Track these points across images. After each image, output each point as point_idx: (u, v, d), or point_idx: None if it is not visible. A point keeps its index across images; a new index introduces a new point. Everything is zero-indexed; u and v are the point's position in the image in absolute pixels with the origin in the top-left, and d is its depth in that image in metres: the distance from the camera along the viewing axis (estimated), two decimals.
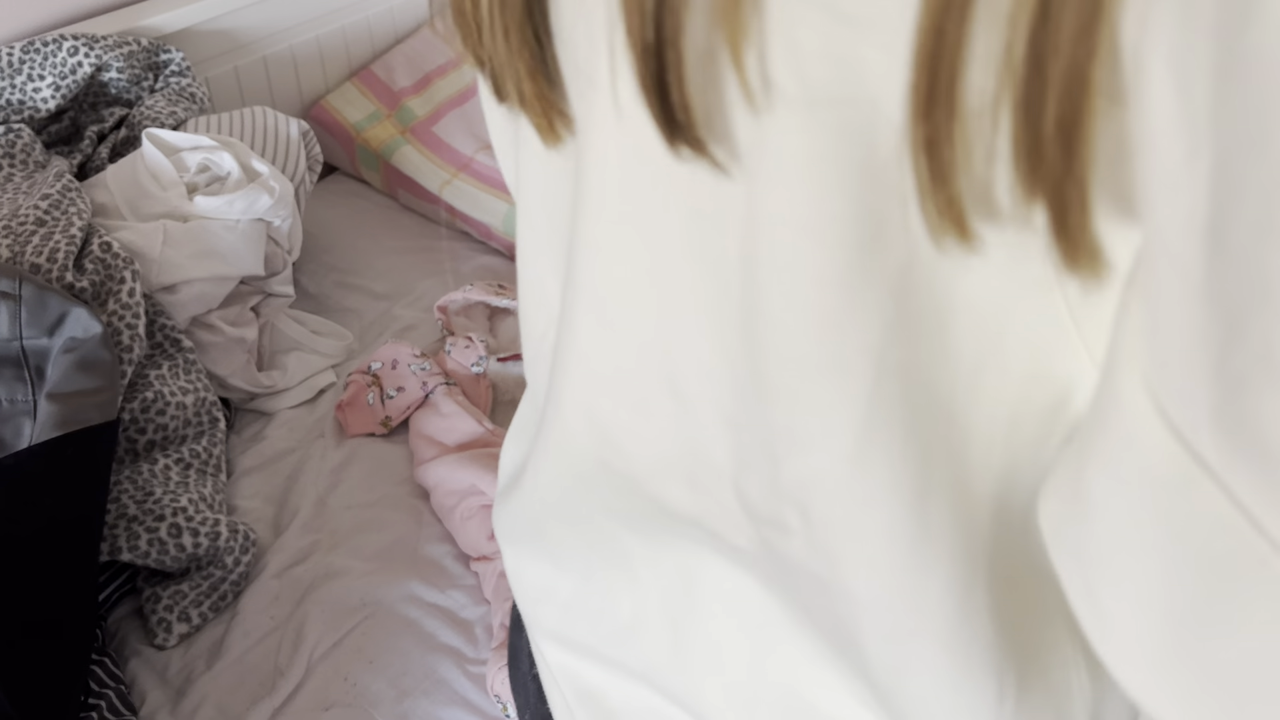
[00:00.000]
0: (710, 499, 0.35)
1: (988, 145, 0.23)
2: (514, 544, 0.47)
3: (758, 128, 0.26)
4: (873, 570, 0.31)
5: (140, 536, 0.90)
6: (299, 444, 1.11)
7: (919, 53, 0.22)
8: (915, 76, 0.22)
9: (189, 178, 1.11)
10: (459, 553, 0.99)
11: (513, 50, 0.32)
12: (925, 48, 0.22)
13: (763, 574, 0.36)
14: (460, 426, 1.05)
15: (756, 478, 0.33)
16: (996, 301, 0.27)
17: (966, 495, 0.30)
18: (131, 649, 0.91)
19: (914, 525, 0.30)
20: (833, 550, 0.32)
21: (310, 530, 1.00)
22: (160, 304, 1.05)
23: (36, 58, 1.19)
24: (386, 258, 1.37)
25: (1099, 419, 0.24)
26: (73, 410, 0.86)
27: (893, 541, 0.30)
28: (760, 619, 0.37)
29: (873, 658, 0.33)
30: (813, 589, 0.34)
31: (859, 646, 0.33)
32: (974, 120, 0.22)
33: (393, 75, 1.53)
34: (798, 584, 0.34)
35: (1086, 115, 0.21)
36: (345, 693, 0.86)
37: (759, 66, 0.25)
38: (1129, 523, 0.23)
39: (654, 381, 0.35)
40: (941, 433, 0.29)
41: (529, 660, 0.52)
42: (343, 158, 1.51)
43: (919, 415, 0.29)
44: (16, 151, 1.15)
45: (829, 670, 0.35)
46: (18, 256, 0.97)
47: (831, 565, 0.32)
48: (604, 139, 0.31)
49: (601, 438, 0.38)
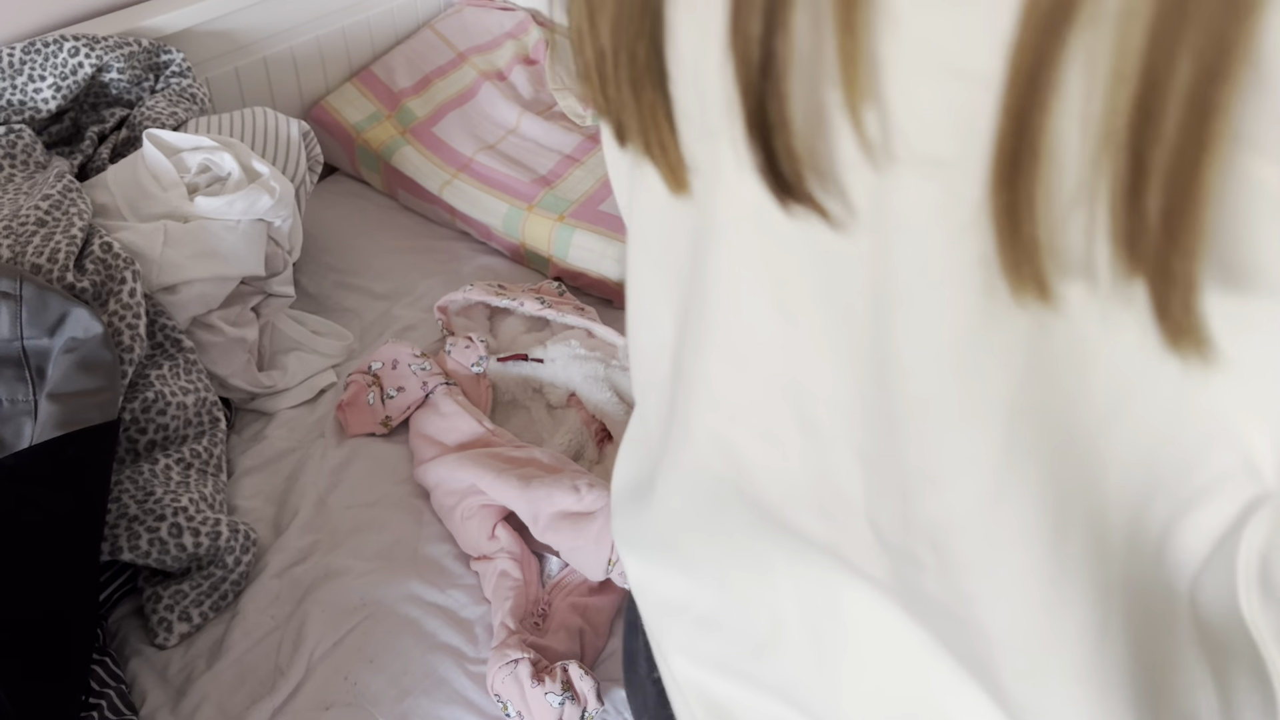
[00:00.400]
0: (843, 530, 0.35)
1: (1082, 219, 0.22)
2: (640, 553, 0.47)
3: (878, 183, 0.26)
4: (1009, 609, 0.31)
5: (141, 536, 0.90)
6: (299, 444, 1.11)
7: (1006, 109, 0.21)
8: (1000, 135, 0.22)
9: (189, 178, 1.11)
10: (459, 552, 0.99)
11: (637, 100, 0.32)
12: (1013, 104, 0.21)
13: (900, 600, 0.35)
14: (460, 426, 1.05)
15: (889, 512, 0.33)
16: (1134, 343, 0.26)
17: (1102, 529, 0.29)
18: (132, 648, 0.91)
19: (1052, 564, 0.29)
20: (967, 588, 0.31)
21: (310, 530, 1.00)
22: (161, 304, 1.06)
23: (37, 58, 1.19)
24: (386, 258, 1.37)
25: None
26: (73, 410, 0.86)
27: (1029, 581, 0.30)
28: (902, 641, 0.36)
29: (1009, 692, 0.33)
30: (947, 622, 0.33)
31: (995, 680, 0.33)
32: (1065, 188, 0.22)
33: (393, 76, 1.54)
34: (933, 616, 0.34)
35: (1201, 186, 0.20)
36: (346, 692, 0.87)
37: (880, 124, 0.25)
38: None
39: (784, 414, 0.35)
40: (1080, 471, 0.28)
41: (647, 663, 0.52)
42: (343, 158, 1.51)
43: (1056, 455, 0.28)
44: (17, 152, 1.16)
45: (970, 696, 0.35)
46: (19, 257, 0.97)
47: (966, 602, 0.32)
48: (727, 185, 0.32)
49: (732, 464, 0.38)
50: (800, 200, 0.28)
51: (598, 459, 1.08)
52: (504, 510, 0.98)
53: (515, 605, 0.89)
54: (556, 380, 1.13)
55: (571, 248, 1.30)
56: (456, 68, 1.55)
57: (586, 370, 1.11)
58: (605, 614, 0.92)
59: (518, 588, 0.91)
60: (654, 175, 0.35)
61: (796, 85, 0.26)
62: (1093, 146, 0.21)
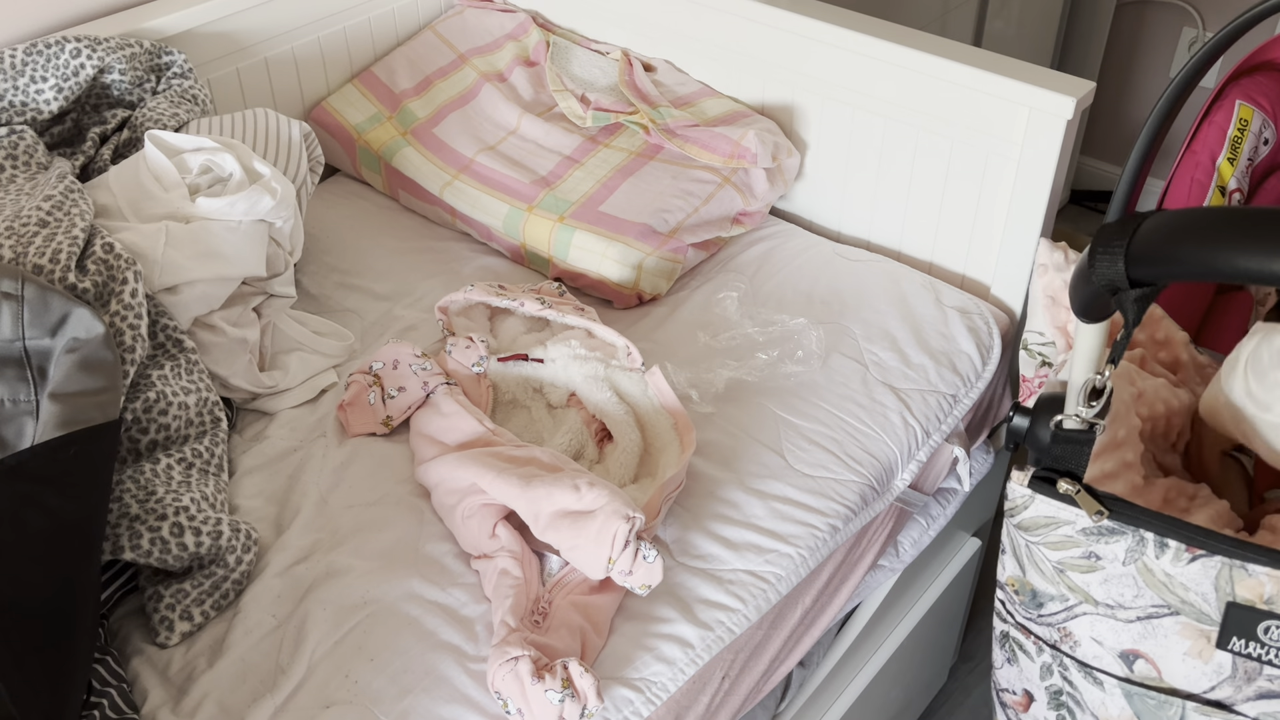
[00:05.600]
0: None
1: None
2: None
3: None
4: None
5: (142, 535, 0.90)
6: (301, 443, 1.11)
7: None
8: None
9: (191, 179, 1.12)
10: (460, 551, 0.99)
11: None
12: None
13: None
14: (461, 426, 1.06)
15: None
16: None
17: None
18: (133, 647, 0.92)
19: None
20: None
21: (312, 529, 1.01)
22: (162, 304, 1.06)
23: (39, 59, 1.20)
24: (387, 259, 1.38)
25: None
26: (75, 410, 0.86)
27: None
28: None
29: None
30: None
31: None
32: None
33: (394, 77, 1.54)
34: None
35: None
36: (346, 690, 0.87)
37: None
38: None
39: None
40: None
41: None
42: (344, 159, 1.52)
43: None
44: (19, 153, 1.16)
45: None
46: (20, 257, 0.98)
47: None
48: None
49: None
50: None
51: (598, 459, 1.08)
52: (504, 509, 0.98)
53: (516, 603, 0.89)
54: (557, 380, 1.14)
55: (571, 248, 1.31)
56: (457, 69, 1.56)
57: (586, 370, 1.12)
58: (605, 612, 0.93)
59: (518, 586, 0.91)
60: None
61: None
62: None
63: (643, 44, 1.54)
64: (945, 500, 1.29)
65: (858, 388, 1.18)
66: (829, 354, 1.22)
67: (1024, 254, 1.28)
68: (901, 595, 1.36)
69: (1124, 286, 0.65)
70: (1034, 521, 0.81)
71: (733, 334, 1.25)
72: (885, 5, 1.97)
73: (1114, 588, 0.79)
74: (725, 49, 1.45)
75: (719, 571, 0.98)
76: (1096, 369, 0.75)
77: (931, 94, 1.27)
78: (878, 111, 1.34)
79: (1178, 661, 0.78)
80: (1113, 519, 0.77)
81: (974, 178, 1.29)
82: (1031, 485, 0.80)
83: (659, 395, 1.10)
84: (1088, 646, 0.83)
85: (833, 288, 1.32)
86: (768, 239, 1.42)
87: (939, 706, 1.71)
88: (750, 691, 1.02)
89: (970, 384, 1.22)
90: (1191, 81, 0.98)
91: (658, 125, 1.41)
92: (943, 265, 1.38)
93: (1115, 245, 0.64)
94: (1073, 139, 1.22)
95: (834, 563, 1.08)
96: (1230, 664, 0.76)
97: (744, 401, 1.16)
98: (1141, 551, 0.77)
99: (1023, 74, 1.20)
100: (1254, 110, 1.16)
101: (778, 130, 1.43)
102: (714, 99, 1.48)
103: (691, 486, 1.06)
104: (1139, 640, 0.79)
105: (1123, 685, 0.81)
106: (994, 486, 1.50)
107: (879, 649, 1.34)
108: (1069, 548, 0.80)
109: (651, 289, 1.30)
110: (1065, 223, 2.76)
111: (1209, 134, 1.16)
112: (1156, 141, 1.00)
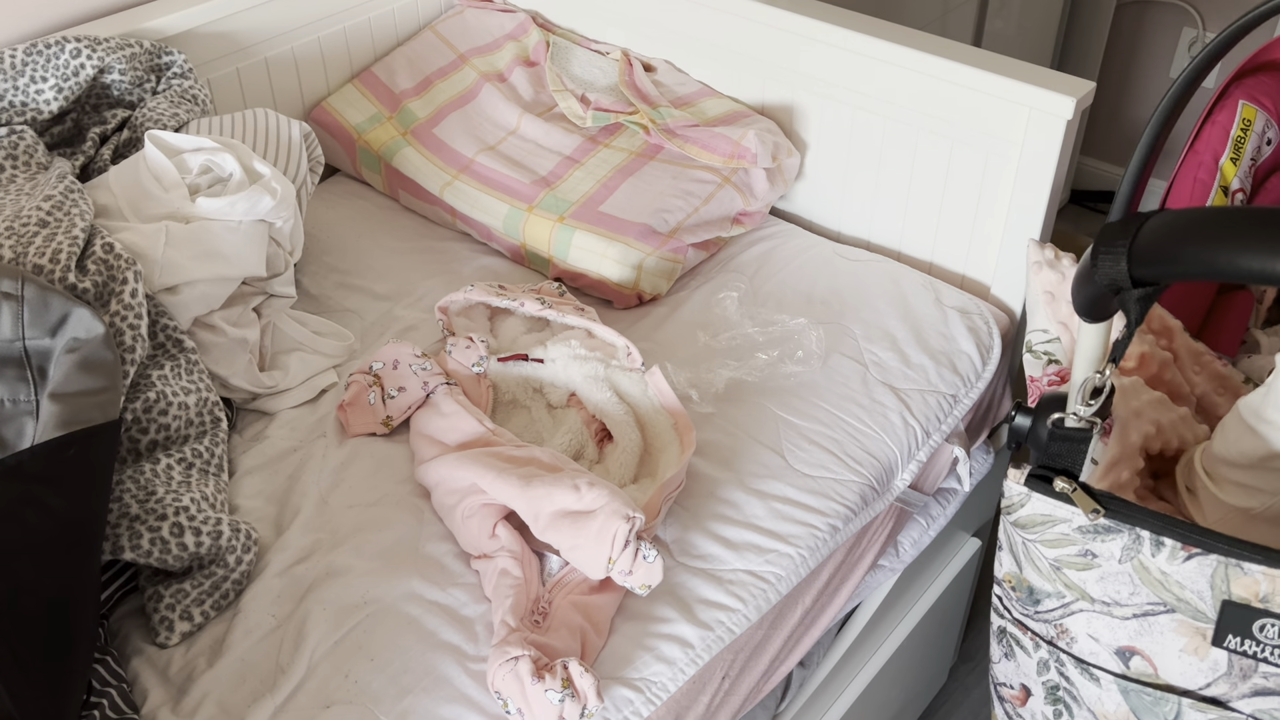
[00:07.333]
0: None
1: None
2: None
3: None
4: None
5: (142, 535, 0.90)
6: (301, 443, 1.11)
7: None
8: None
9: (191, 179, 1.12)
10: (460, 551, 0.99)
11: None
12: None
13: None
14: (461, 426, 1.06)
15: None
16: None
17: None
18: (133, 647, 0.92)
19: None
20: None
21: (312, 529, 1.01)
22: (162, 304, 1.06)
23: (39, 60, 1.20)
24: (388, 259, 1.37)
25: None
26: (75, 410, 0.86)
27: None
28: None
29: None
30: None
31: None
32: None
33: (394, 77, 1.54)
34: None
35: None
36: (346, 690, 0.87)
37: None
38: None
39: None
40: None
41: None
42: (344, 159, 1.52)
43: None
44: (19, 153, 1.16)
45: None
46: (20, 257, 0.98)
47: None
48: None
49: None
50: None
51: (598, 459, 1.08)
52: (504, 509, 0.98)
53: (516, 603, 0.89)
54: (557, 380, 1.14)
55: (571, 248, 1.31)
56: (457, 69, 1.56)
57: (586, 370, 1.12)
58: (605, 612, 0.92)
59: (518, 586, 0.91)
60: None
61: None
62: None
63: (643, 44, 1.54)
64: (945, 500, 1.29)
65: (858, 388, 1.18)
66: (829, 354, 1.22)
67: (1024, 254, 1.28)
68: (901, 595, 1.36)
69: (1126, 286, 0.65)
70: (1030, 519, 0.81)
71: (733, 334, 1.25)
72: (885, 5, 1.97)
73: (1110, 585, 0.79)
74: (725, 49, 1.45)
75: (719, 571, 0.98)
76: (1097, 368, 0.75)
77: (931, 94, 1.27)
78: (878, 111, 1.34)
79: (1173, 658, 0.78)
80: (1109, 517, 0.77)
81: (974, 178, 1.29)
82: (1028, 483, 0.80)
83: (659, 395, 1.10)
84: (1084, 643, 0.83)
85: (833, 288, 1.32)
86: (768, 239, 1.42)
87: (939, 706, 1.71)
88: (750, 691, 1.02)
89: (970, 384, 1.22)
90: (1194, 82, 0.98)
91: (658, 125, 1.41)
92: (943, 265, 1.38)
93: (1118, 245, 0.64)
94: (1073, 139, 1.22)
95: (834, 563, 1.08)
96: (1226, 661, 0.76)
97: (744, 401, 1.16)
98: (1138, 549, 0.77)
99: (1023, 74, 1.20)
100: (1257, 110, 1.16)
101: (778, 130, 1.43)
102: (714, 99, 1.48)
103: (691, 486, 1.06)
104: (1135, 637, 0.79)
105: (1119, 681, 0.81)
106: (994, 487, 1.50)
107: (879, 649, 1.34)
108: (1065, 545, 0.80)
109: (651, 289, 1.30)
110: (1065, 223, 2.75)
111: (1212, 134, 1.17)
112: (1159, 142, 1.01)
